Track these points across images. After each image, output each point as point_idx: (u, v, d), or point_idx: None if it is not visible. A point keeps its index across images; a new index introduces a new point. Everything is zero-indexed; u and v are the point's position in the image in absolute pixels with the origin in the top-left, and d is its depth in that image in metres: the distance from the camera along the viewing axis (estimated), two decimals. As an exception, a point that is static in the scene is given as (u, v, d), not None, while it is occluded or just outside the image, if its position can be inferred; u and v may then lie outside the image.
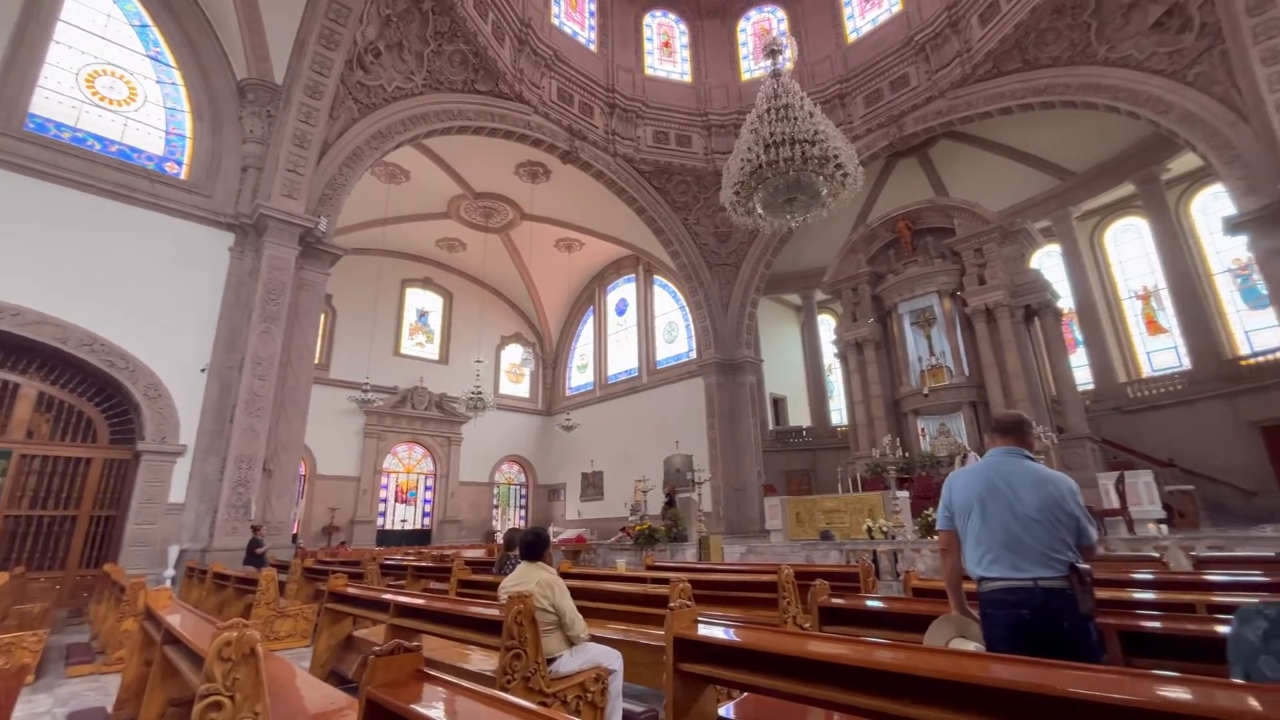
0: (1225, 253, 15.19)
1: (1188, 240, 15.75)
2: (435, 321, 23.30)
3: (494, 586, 4.69)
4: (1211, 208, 15.46)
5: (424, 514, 21.53)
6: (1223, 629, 2.15)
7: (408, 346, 22.29)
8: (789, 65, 10.74)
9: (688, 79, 18.48)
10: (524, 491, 24.51)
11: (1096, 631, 2.27)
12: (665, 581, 4.38)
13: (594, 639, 3.51)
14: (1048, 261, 17.95)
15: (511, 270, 23.11)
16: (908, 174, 18.54)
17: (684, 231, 18.36)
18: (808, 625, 3.74)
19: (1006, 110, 13.74)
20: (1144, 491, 10.74)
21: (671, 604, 2.56)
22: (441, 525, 21.29)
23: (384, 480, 20.64)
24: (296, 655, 5.89)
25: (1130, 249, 17.43)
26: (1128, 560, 6.73)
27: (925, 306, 15.71)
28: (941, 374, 14.99)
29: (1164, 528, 10.46)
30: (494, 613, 3.16)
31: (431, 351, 22.90)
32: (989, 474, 2.53)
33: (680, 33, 19.15)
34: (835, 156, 8.63)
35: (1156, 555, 6.78)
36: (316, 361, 13.65)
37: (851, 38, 17.05)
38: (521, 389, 25.17)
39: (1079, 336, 17.31)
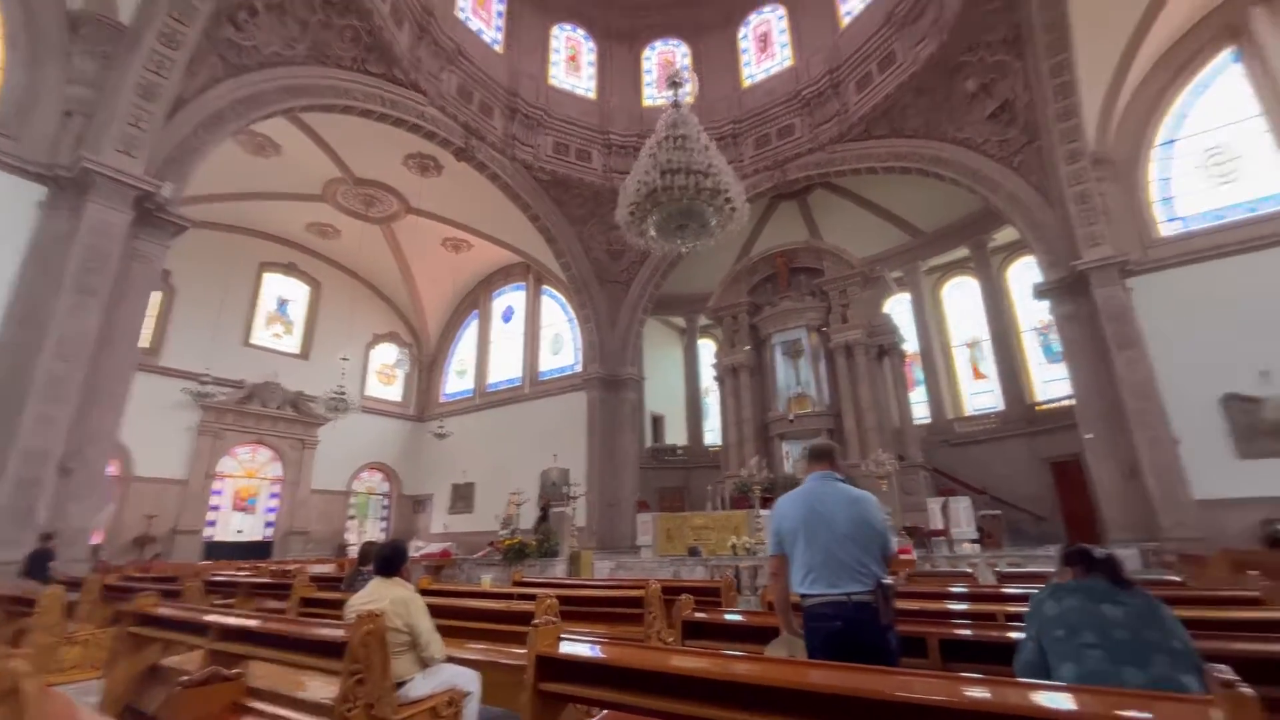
0: (1033, 314, 17.95)
1: (1005, 300, 18.46)
2: (297, 312, 21.22)
3: (342, 605, 4.29)
4: (1024, 275, 18.22)
5: (266, 524, 19.31)
6: (1017, 635, 2.49)
7: (262, 337, 20.06)
8: (689, 98, 11.21)
9: (592, 95, 18.67)
10: (386, 502, 22.88)
11: (896, 639, 2.54)
12: (532, 598, 4.26)
13: (452, 660, 3.32)
14: (898, 308, 20.13)
15: (391, 265, 21.74)
16: (788, 215, 20.01)
17: (577, 245, 18.38)
18: (671, 640, 3.81)
19: (873, 170, 15.35)
20: (963, 515, 12.32)
21: (536, 620, 2.49)
22: (286, 537, 19.22)
23: (218, 485, 18.28)
24: (87, 689, 4.97)
25: (962, 304, 20.07)
26: (947, 575, 7.64)
27: (795, 339, 16.97)
28: (806, 402, 16.22)
29: (976, 547, 12.05)
30: (339, 633, 2.88)
31: (290, 344, 20.79)
32: (809, 499, 2.78)
33: (588, 50, 19.35)
34: (725, 190, 9.08)
35: (970, 571, 7.78)
36: (145, 346, 11.85)
37: (747, 83, 18.21)
38: (393, 391, 23.61)
39: (919, 376, 19.55)
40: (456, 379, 23.82)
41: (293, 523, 19.47)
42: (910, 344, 18.52)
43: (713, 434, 21.65)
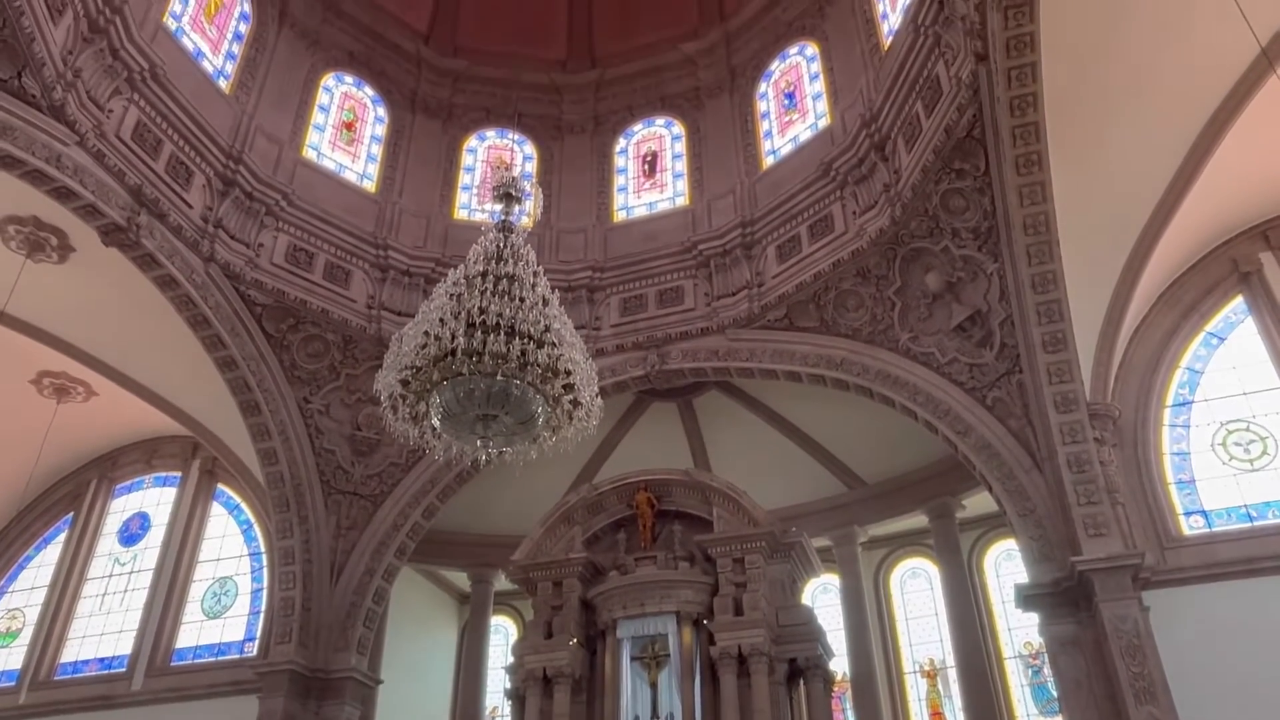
0: (1019, 630, 19.57)
1: (980, 603, 20.08)
2: None
3: None
4: (1005, 567, 20.23)
5: None
6: None
7: None
8: (527, 220, 12.04)
9: (370, 186, 19.58)
10: None
11: None
12: None
13: None
14: (823, 599, 21.11)
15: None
16: (661, 423, 21.12)
17: (299, 421, 17.91)
18: None
19: (794, 376, 16.98)
20: None
21: None
22: None
23: None
24: None
25: (919, 602, 21.52)
26: None
27: (658, 634, 16.75)
28: (665, 752, 15.62)
29: None
30: None
31: None
32: None
33: (376, 119, 20.70)
34: (568, 372, 9.39)
35: None
36: None
37: (620, 215, 20.11)
38: None
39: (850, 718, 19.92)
40: (-12, 647, 21.04)
41: None
42: (839, 660, 19.08)
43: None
